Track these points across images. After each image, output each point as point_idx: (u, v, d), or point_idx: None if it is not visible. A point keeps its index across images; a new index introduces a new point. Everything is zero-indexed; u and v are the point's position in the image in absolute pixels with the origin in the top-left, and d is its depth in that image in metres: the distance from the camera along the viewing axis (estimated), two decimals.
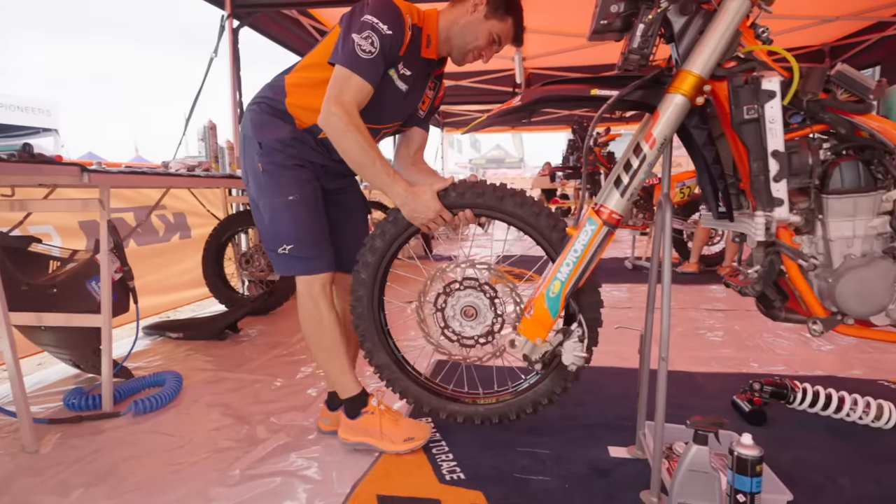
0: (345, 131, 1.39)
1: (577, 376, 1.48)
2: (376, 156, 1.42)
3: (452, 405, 1.57)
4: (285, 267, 1.56)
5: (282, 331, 2.99)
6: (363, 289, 1.56)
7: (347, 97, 1.40)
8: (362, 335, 1.58)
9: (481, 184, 1.48)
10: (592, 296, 1.44)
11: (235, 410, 1.92)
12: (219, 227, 3.38)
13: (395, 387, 1.59)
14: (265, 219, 1.54)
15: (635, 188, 1.25)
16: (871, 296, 1.16)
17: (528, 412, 1.52)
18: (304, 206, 1.51)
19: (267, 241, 1.56)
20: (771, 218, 1.14)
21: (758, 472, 1.12)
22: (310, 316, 1.56)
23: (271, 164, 1.50)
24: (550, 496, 1.32)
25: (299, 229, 1.51)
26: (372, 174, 1.43)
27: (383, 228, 1.53)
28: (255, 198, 1.56)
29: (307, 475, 1.46)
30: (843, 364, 2.31)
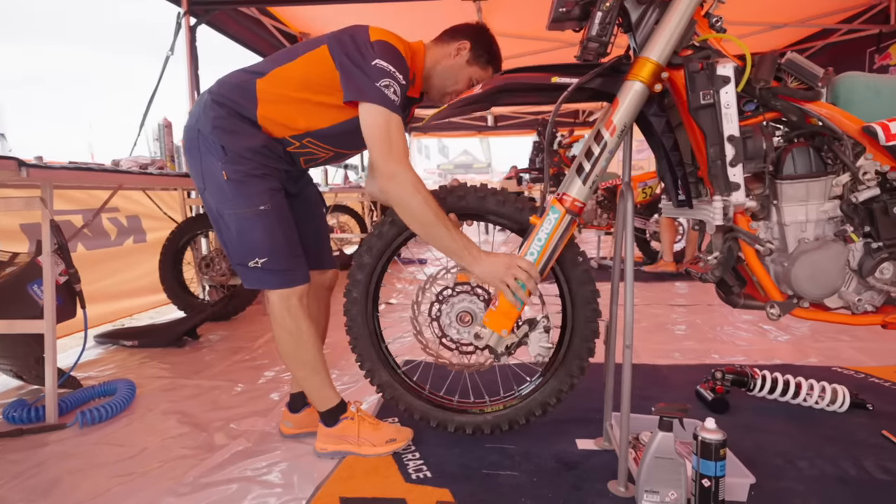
0: (413, 193, 1.30)
1: (584, 371, 1.45)
2: (447, 219, 1.34)
3: (459, 417, 1.50)
4: (258, 281, 1.44)
5: (244, 336, 2.89)
6: (356, 307, 1.50)
7: (399, 147, 1.31)
8: (360, 355, 1.52)
9: (461, 187, 1.45)
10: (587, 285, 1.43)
11: (192, 418, 1.83)
12: (177, 230, 3.25)
13: (399, 403, 1.53)
14: (232, 231, 1.41)
15: (597, 176, 1.25)
16: (824, 278, 1.19)
17: (537, 414, 1.47)
18: (276, 217, 1.41)
19: (235, 255, 1.44)
20: (728, 202, 1.15)
21: (722, 456, 1.13)
22: (287, 331, 1.46)
23: (238, 172, 1.38)
24: (518, 491, 1.30)
25: (273, 241, 1.41)
26: (441, 240, 1.33)
27: (370, 243, 1.48)
28: (217, 207, 1.42)
29: (267, 480, 1.39)
30: (800, 353, 2.38)
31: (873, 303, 1.23)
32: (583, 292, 1.42)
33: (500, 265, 1.31)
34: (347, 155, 1.59)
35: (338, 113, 1.41)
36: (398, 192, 1.31)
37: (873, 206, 1.17)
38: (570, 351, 1.45)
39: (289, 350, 1.49)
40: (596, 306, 1.43)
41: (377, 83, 1.31)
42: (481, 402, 1.55)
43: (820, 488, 1.29)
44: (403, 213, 1.34)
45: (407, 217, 1.34)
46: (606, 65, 1.24)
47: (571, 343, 1.45)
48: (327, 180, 5.35)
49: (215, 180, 1.41)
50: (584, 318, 1.43)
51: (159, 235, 3.31)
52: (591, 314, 1.43)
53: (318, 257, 1.67)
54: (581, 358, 1.44)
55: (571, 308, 1.44)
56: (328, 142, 1.47)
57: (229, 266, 3.34)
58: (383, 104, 1.31)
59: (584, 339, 1.44)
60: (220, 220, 1.44)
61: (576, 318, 1.44)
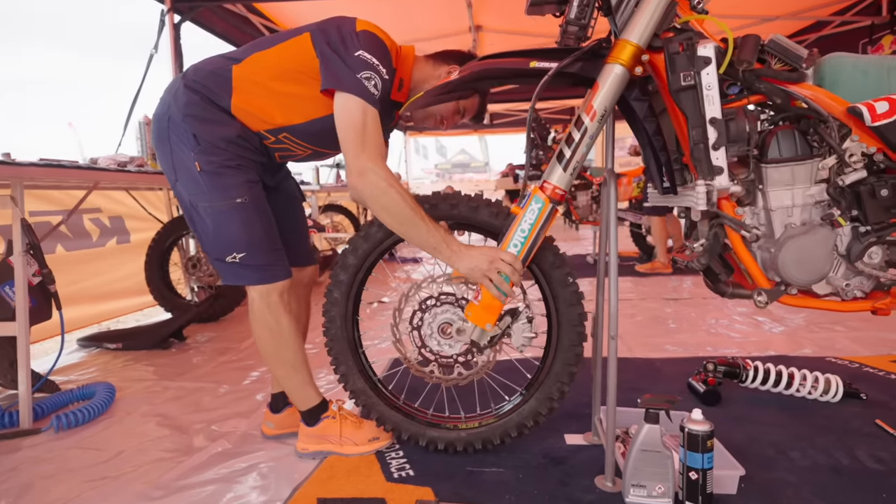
0: (386, 189, 1.24)
1: (564, 394, 1.39)
2: (423, 213, 1.27)
3: (432, 431, 1.42)
4: (236, 277, 1.39)
5: (231, 337, 2.84)
6: (336, 308, 1.43)
7: (374, 143, 1.26)
8: (336, 358, 1.45)
9: (454, 195, 1.39)
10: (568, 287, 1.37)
11: (173, 420, 1.79)
12: (162, 230, 3.20)
13: (370, 412, 1.46)
14: (208, 225, 1.36)
15: (578, 162, 1.21)
16: (811, 263, 1.16)
17: (513, 436, 1.40)
18: (254, 209, 1.36)
19: (211, 250, 1.40)
20: (712, 187, 1.12)
21: (709, 448, 1.10)
22: (267, 329, 1.41)
23: (212, 163, 1.32)
24: (502, 487, 1.27)
25: (251, 235, 1.36)
26: (419, 236, 1.26)
27: (355, 244, 1.42)
28: (191, 199, 1.37)
29: (244, 482, 1.35)
30: (794, 344, 2.36)
31: (862, 288, 1.20)
32: (570, 314, 1.36)
33: (483, 259, 1.27)
34: (327, 154, 1.54)
35: (315, 107, 1.36)
36: (371, 191, 1.26)
37: (860, 188, 1.14)
38: (551, 372, 1.39)
39: (269, 348, 1.45)
40: (582, 329, 1.37)
41: (358, 74, 1.26)
42: (456, 417, 1.47)
43: (812, 479, 1.26)
44: (378, 211, 1.29)
45: (382, 214, 1.29)
46: (586, 48, 1.20)
47: (553, 363, 1.39)
48: (319, 179, 5.30)
49: (188, 172, 1.35)
50: (569, 341, 1.37)
51: (144, 236, 3.26)
52: (577, 338, 1.36)
53: (298, 253, 1.63)
54: (562, 381, 1.38)
55: (557, 327, 1.38)
56: (305, 139, 1.43)
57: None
58: (361, 95, 1.26)
59: (566, 362, 1.37)
60: (195, 213, 1.39)
61: (560, 338, 1.38)
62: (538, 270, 1.38)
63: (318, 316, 1.52)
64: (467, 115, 1.53)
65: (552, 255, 1.36)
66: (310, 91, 1.34)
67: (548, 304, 1.40)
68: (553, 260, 1.36)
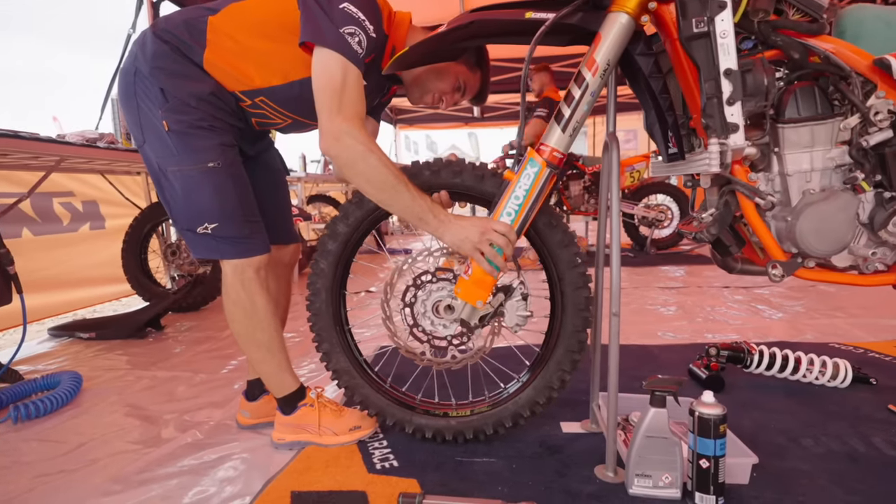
0: (365, 155, 1.12)
1: (565, 384, 1.29)
2: (406, 180, 1.16)
3: (419, 418, 1.32)
4: (207, 250, 1.27)
5: (212, 326, 2.72)
6: (322, 280, 1.31)
7: (352, 104, 1.13)
8: (318, 334, 1.33)
9: (458, 162, 1.27)
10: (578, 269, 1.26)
11: (142, 410, 1.67)
12: (140, 216, 3.06)
13: (354, 394, 1.35)
14: (177, 191, 1.24)
15: (578, 122, 1.10)
16: (831, 232, 1.06)
17: (507, 426, 1.29)
18: (228, 175, 1.24)
19: (180, 219, 1.27)
20: (726, 146, 1.02)
21: (721, 433, 1.00)
22: (241, 308, 1.30)
23: (181, 123, 1.20)
24: (494, 478, 1.16)
25: (224, 203, 1.24)
26: (403, 204, 1.16)
27: (346, 211, 1.30)
28: (159, 163, 1.24)
29: (214, 475, 1.24)
30: (795, 330, 2.28)
31: (885, 261, 1.11)
32: (576, 297, 1.25)
33: (474, 230, 1.16)
34: (308, 125, 1.41)
35: (295, 67, 1.23)
36: (348, 156, 1.14)
37: (885, 150, 1.05)
38: (552, 359, 1.29)
39: (242, 328, 1.33)
40: (588, 315, 1.26)
41: (340, 28, 1.13)
42: (446, 404, 1.36)
43: (827, 467, 1.17)
44: (356, 178, 1.17)
45: (361, 182, 1.17)
46: None
47: (555, 350, 1.28)
48: (306, 168, 5.15)
49: (155, 131, 1.23)
50: (573, 327, 1.26)
51: (120, 223, 3.12)
52: (582, 323, 1.26)
53: (279, 230, 1.50)
54: (563, 369, 1.28)
55: (561, 311, 1.27)
56: (284, 105, 1.30)
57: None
58: (342, 52, 1.14)
59: (569, 348, 1.27)
60: (163, 178, 1.26)
61: (564, 323, 1.27)
62: (544, 249, 1.26)
63: (300, 307, 1.41)
64: (468, 94, 1.40)
65: (561, 234, 1.25)
66: (290, 49, 1.20)
67: (553, 285, 1.29)
68: (561, 238, 1.25)
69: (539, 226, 1.24)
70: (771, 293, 3.00)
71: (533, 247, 1.30)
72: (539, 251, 1.28)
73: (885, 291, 2.93)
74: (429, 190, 1.26)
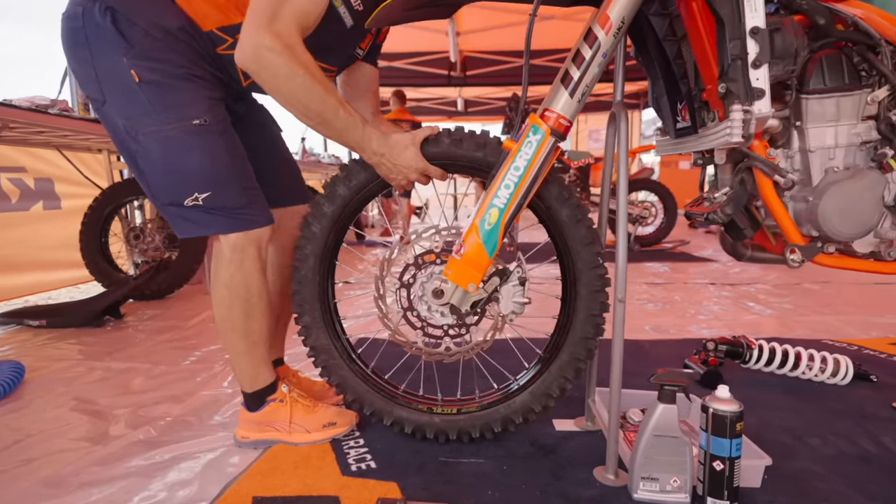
0: (289, 74, 0.97)
1: (565, 392, 1.18)
2: (338, 102, 1.02)
3: (400, 410, 1.20)
4: (198, 226, 1.09)
5: (177, 315, 2.54)
6: (312, 246, 1.16)
7: (286, 20, 0.97)
8: (300, 305, 1.18)
9: (458, 130, 1.13)
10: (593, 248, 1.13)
11: (92, 404, 1.50)
12: (101, 197, 2.86)
13: (331, 376, 1.21)
14: (154, 157, 1.05)
15: (587, 87, 0.99)
16: (857, 214, 0.97)
17: (495, 430, 1.18)
18: (219, 134, 1.07)
19: (162, 192, 1.08)
20: (750, 114, 0.92)
21: (738, 432, 0.90)
22: (234, 292, 1.12)
23: (155, 71, 1.01)
24: (484, 481, 1.05)
25: (217, 167, 1.06)
26: (336, 128, 1.03)
27: (349, 172, 1.15)
28: (128, 124, 1.04)
29: (164, 477, 1.09)
30: (784, 327, 2.23)
31: None
32: (591, 301, 1.14)
33: (413, 170, 1.08)
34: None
35: None
36: (268, 74, 0.97)
37: None
38: (554, 365, 1.18)
39: (230, 315, 1.15)
40: (601, 322, 1.15)
41: None
42: (431, 398, 1.24)
43: (841, 468, 1.09)
44: (278, 99, 1.01)
45: (283, 104, 1.01)
46: None
47: (559, 355, 1.17)
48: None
49: (121, 85, 1.02)
50: (583, 333, 1.15)
51: (78, 203, 2.90)
52: (593, 331, 1.15)
53: (287, 189, 1.34)
54: (565, 377, 1.17)
55: (572, 315, 1.16)
56: None
57: (164, 238, 2.97)
58: None
59: (574, 355, 1.16)
60: (134, 143, 1.05)
61: (573, 328, 1.16)
62: (563, 245, 1.14)
63: None
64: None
65: (585, 230, 1.12)
66: None
67: (567, 284, 1.17)
68: (585, 235, 1.12)
69: (562, 218, 1.12)
70: (757, 290, 2.96)
71: (550, 238, 1.17)
72: (556, 245, 1.16)
73: (872, 289, 2.93)
74: (446, 161, 1.12)
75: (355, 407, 1.22)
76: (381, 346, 1.47)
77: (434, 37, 5.99)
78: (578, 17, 4.96)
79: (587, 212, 1.13)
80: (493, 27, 5.56)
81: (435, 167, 1.10)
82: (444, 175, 1.13)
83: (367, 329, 2.14)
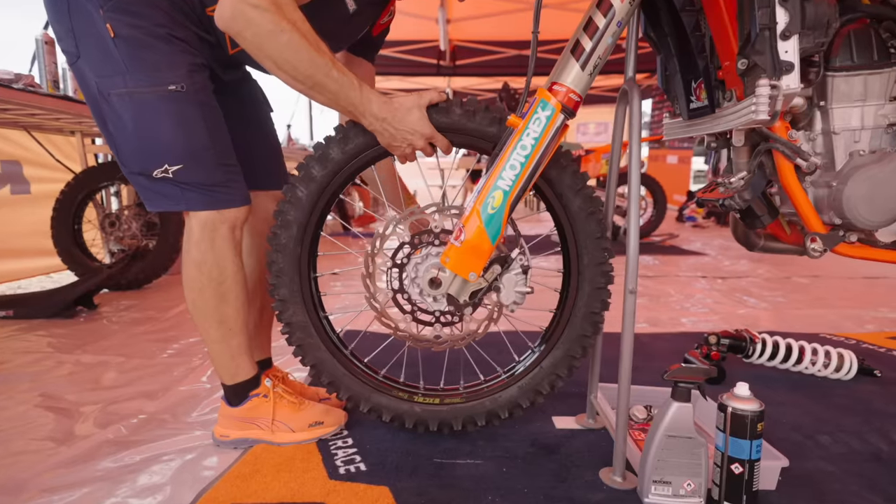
0: (273, 31, 0.88)
1: (554, 389, 1.12)
2: (330, 61, 0.93)
3: (379, 396, 1.13)
4: (168, 200, 1.02)
5: (155, 305, 2.42)
6: (296, 212, 1.06)
7: None
8: (277, 276, 1.08)
9: (471, 101, 1.03)
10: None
11: (59, 401, 1.40)
12: (74, 181, 2.71)
13: (306, 356, 1.12)
14: (125, 120, 0.97)
15: (601, 58, 0.91)
16: (887, 200, 0.91)
17: (478, 424, 1.12)
18: (197, 103, 0.99)
19: (131, 160, 1.00)
20: (778, 89, 0.85)
21: (759, 433, 0.84)
22: (205, 273, 1.05)
23: (133, 27, 0.94)
24: (482, 485, 0.97)
25: (190, 138, 0.99)
26: (329, 90, 0.94)
27: (346, 133, 1.04)
28: (100, 83, 0.97)
29: (134, 481, 1.00)
30: (780, 320, 2.19)
31: None
32: (591, 299, 1.09)
33: (418, 136, 0.99)
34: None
35: None
36: (252, 32, 0.88)
37: None
38: (546, 361, 1.12)
39: (202, 299, 1.07)
40: (600, 320, 1.10)
41: None
42: (413, 386, 1.17)
43: (855, 468, 1.04)
44: (265, 62, 0.93)
45: (273, 64, 0.92)
46: None
47: (553, 352, 1.12)
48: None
49: (95, 38, 0.94)
50: (581, 331, 1.10)
51: (50, 188, 2.76)
52: (591, 329, 1.10)
53: (267, 173, 1.25)
54: (557, 374, 1.12)
55: (570, 310, 1.10)
56: None
57: (141, 226, 2.84)
58: None
59: (569, 353, 1.11)
60: (105, 104, 0.97)
61: (570, 325, 1.10)
62: (572, 238, 1.07)
63: None
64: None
65: (595, 224, 1.06)
66: None
67: (568, 278, 1.11)
68: (595, 229, 1.06)
69: (573, 208, 1.05)
70: (749, 283, 2.93)
71: (556, 227, 1.09)
72: (562, 237, 1.09)
73: (861, 283, 2.92)
74: (455, 133, 1.03)
75: (331, 389, 1.14)
76: (360, 334, 1.39)
77: (424, 24, 5.86)
78: (571, 7, 4.87)
79: (600, 204, 1.06)
80: (484, 15, 5.45)
81: (442, 137, 1.02)
82: (451, 147, 1.04)
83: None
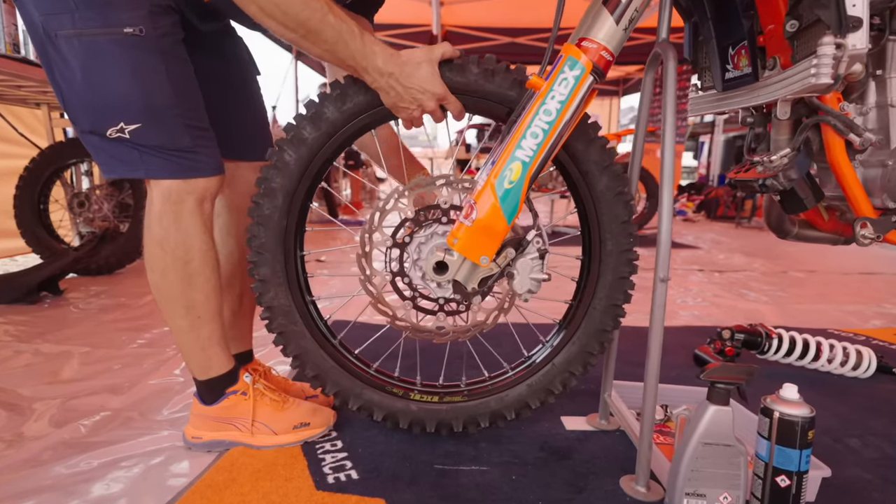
0: None
1: (567, 388, 1.02)
2: (325, 4, 0.81)
3: (371, 392, 1.01)
4: (123, 165, 0.88)
5: (126, 292, 2.26)
6: (282, 179, 0.92)
7: None
8: (258, 252, 0.94)
9: (487, 59, 0.91)
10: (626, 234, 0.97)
11: (11, 395, 1.25)
12: (40, 157, 2.53)
13: (288, 345, 0.98)
14: (73, 67, 0.83)
15: (637, 11, 0.80)
16: None
17: (481, 425, 1.02)
18: (159, 52, 0.85)
19: (81, 115, 0.87)
20: (843, 48, 0.74)
21: (809, 442, 0.74)
22: (169, 252, 0.91)
23: None
24: (489, 494, 0.86)
25: (150, 93, 0.85)
26: (325, 38, 0.82)
27: (344, 90, 0.91)
28: (46, 22, 0.82)
29: (86, 492, 0.87)
30: (785, 315, 2.13)
31: None
32: (613, 289, 1.00)
33: (429, 95, 0.87)
34: None
35: None
36: None
37: None
38: (560, 357, 1.02)
39: (166, 282, 0.93)
40: (621, 313, 1.01)
41: None
42: (409, 382, 1.05)
43: (892, 476, 0.95)
44: (250, 8, 0.80)
45: (263, 12, 0.80)
46: None
47: (568, 345, 1.02)
48: None
49: None
50: (600, 324, 1.01)
51: (12, 164, 2.57)
52: (611, 322, 1.01)
53: (248, 140, 1.10)
54: (570, 371, 1.02)
55: (589, 303, 1.01)
56: None
57: (113, 207, 2.66)
58: None
59: (586, 348, 1.01)
60: (52, 48, 0.83)
61: (588, 318, 1.01)
62: (595, 221, 0.97)
63: None
64: None
65: (623, 206, 0.95)
66: None
67: (588, 267, 1.01)
68: (622, 212, 0.96)
69: (599, 188, 0.94)
70: (746, 277, 2.87)
71: (577, 209, 0.99)
72: (584, 219, 0.99)
73: (857, 279, 2.88)
74: (470, 95, 0.91)
75: (317, 383, 1.00)
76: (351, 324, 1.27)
77: (416, 7, 5.69)
78: None
79: (627, 184, 0.95)
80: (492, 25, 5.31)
81: (455, 99, 0.90)
82: (463, 113, 0.92)
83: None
